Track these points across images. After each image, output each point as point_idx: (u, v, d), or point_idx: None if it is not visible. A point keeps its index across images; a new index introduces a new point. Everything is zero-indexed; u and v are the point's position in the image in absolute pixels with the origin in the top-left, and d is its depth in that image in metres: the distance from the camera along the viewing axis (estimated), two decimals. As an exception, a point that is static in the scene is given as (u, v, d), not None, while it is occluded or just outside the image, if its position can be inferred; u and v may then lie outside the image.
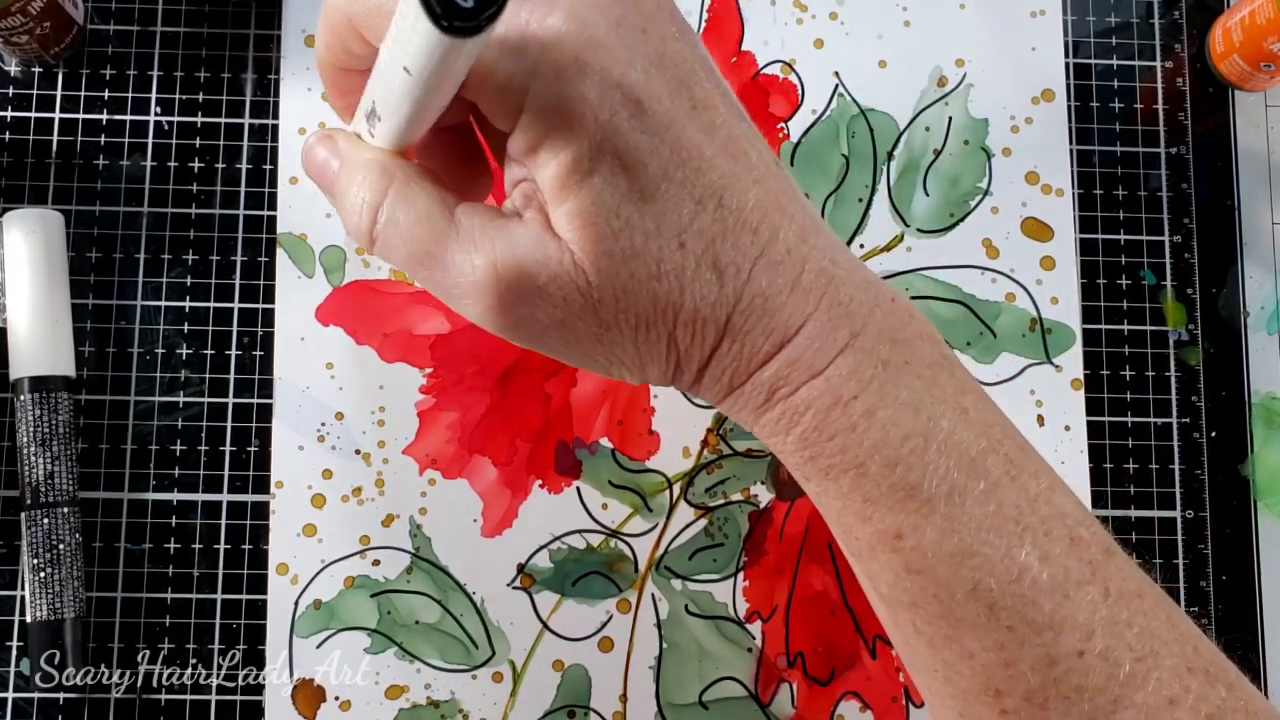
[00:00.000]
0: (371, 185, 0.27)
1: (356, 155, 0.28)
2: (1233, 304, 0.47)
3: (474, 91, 0.25)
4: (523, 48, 0.24)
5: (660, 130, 0.25)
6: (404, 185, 0.27)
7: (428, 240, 0.26)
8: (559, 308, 0.26)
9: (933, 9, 0.47)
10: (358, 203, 0.27)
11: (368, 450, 0.43)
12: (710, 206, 0.26)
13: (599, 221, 0.25)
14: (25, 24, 0.41)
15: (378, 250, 0.27)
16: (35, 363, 0.41)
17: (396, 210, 0.27)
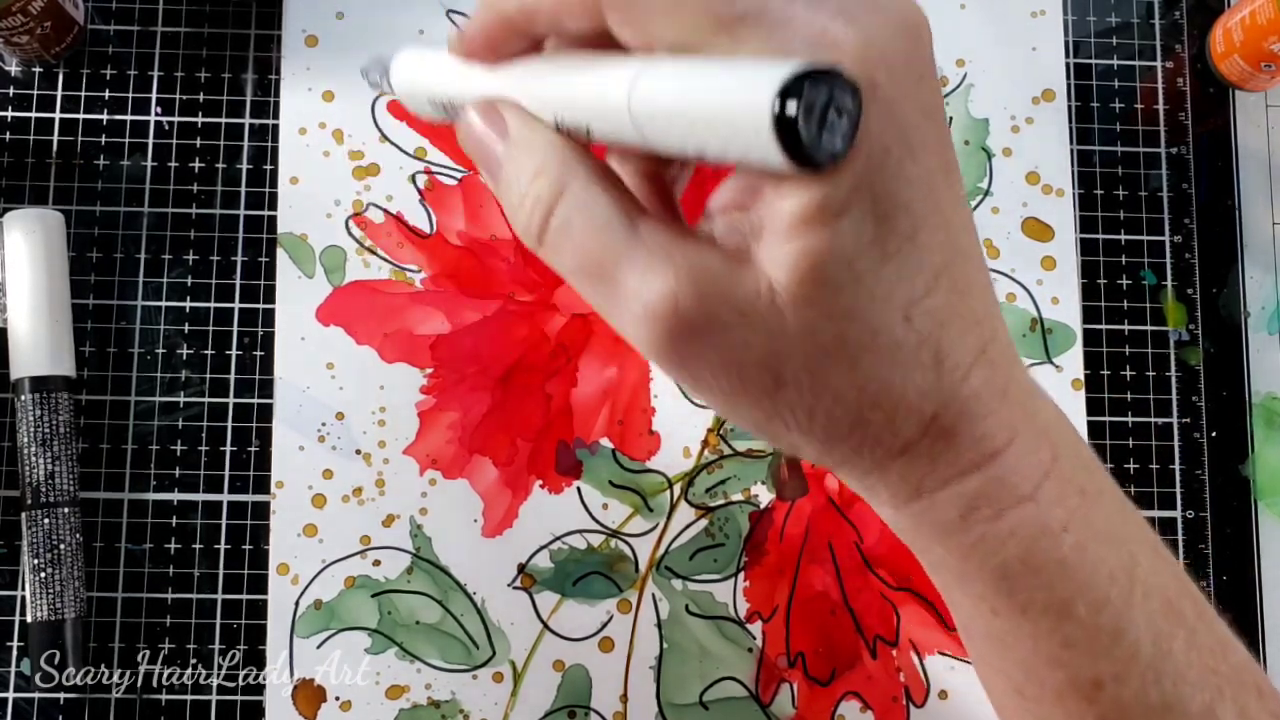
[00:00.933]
0: (548, 179, 0.24)
1: (531, 137, 0.24)
2: (1233, 304, 0.47)
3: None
4: (815, 54, 0.21)
5: (922, 183, 0.22)
6: (585, 185, 0.24)
7: (603, 253, 0.23)
8: (736, 350, 0.23)
9: (933, 9, 0.47)
10: (529, 197, 0.24)
11: (368, 450, 0.43)
12: (945, 284, 0.23)
13: (827, 269, 0.22)
14: (26, 24, 0.41)
15: (544, 253, 0.24)
16: (36, 363, 0.41)
17: (573, 213, 0.23)
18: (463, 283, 0.44)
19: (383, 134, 0.45)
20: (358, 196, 0.45)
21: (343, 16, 0.46)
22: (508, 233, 0.45)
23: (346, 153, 0.45)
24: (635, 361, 0.44)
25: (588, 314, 0.44)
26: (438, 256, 0.44)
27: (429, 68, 0.29)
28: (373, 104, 0.45)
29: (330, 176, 0.45)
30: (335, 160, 0.45)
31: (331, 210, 0.44)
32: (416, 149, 0.45)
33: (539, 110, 0.25)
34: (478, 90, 0.27)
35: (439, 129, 0.45)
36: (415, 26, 0.46)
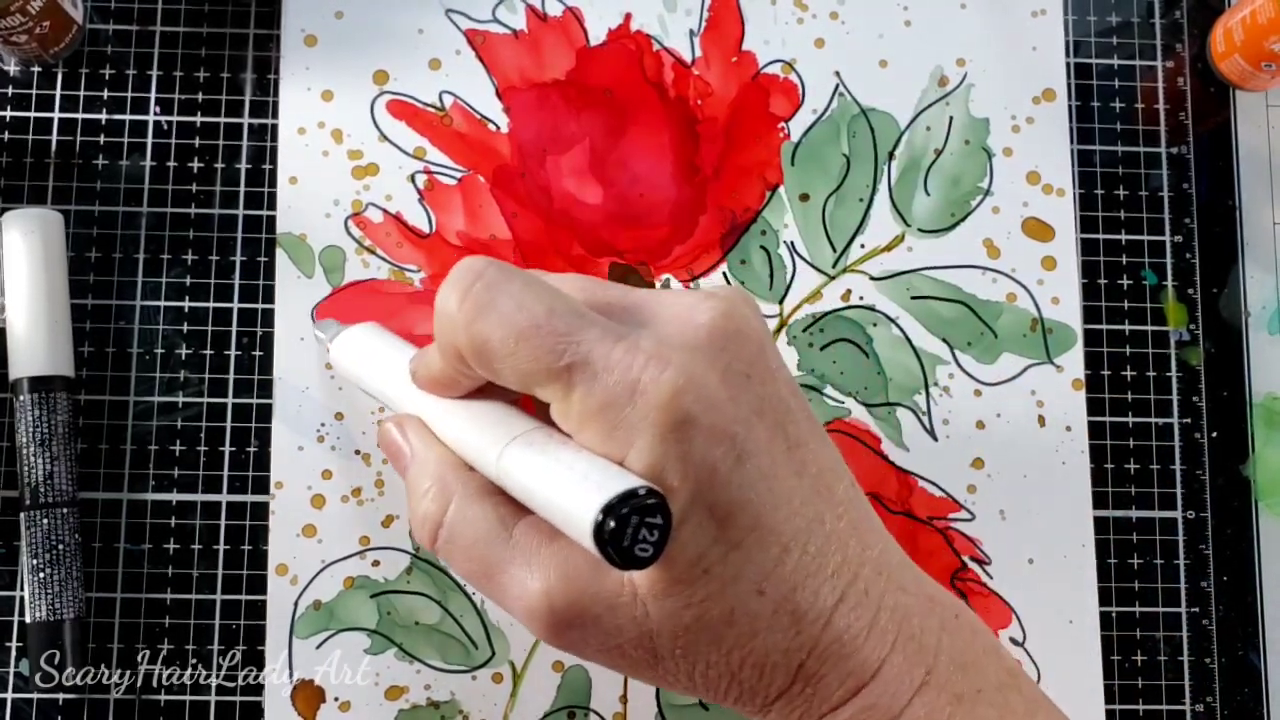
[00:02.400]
0: (434, 497, 0.29)
1: (424, 456, 0.30)
2: (1234, 304, 0.47)
3: (575, 424, 0.26)
4: (633, 400, 0.25)
5: (756, 481, 0.25)
6: (464, 503, 0.28)
7: (486, 560, 0.27)
8: (611, 636, 0.26)
9: (933, 8, 0.47)
10: (419, 512, 0.29)
11: (367, 450, 0.43)
12: (795, 553, 0.25)
13: (676, 568, 0.25)
14: (25, 23, 0.41)
15: (442, 558, 0.29)
16: (35, 363, 0.41)
17: (456, 529, 0.28)
18: (462, 283, 0.44)
19: (382, 134, 0.45)
20: (357, 196, 0.44)
21: (342, 16, 0.46)
22: (507, 233, 0.44)
23: (345, 152, 0.45)
24: (635, 361, 0.44)
25: (587, 314, 0.44)
26: (437, 256, 0.44)
27: (365, 359, 0.37)
28: (372, 104, 0.45)
29: (329, 176, 0.44)
30: (334, 160, 0.45)
31: (330, 210, 0.44)
32: (416, 149, 0.45)
33: (440, 433, 0.31)
34: (400, 397, 0.33)
35: (439, 129, 0.45)
36: (415, 26, 0.46)
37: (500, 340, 0.26)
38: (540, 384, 0.26)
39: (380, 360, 0.36)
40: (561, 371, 0.25)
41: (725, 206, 0.45)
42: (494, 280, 0.26)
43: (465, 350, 0.27)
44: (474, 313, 0.26)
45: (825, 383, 0.45)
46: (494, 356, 0.26)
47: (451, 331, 0.27)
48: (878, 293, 0.45)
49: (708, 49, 0.46)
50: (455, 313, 0.26)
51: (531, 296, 0.26)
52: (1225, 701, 0.44)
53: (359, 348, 0.37)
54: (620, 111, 0.46)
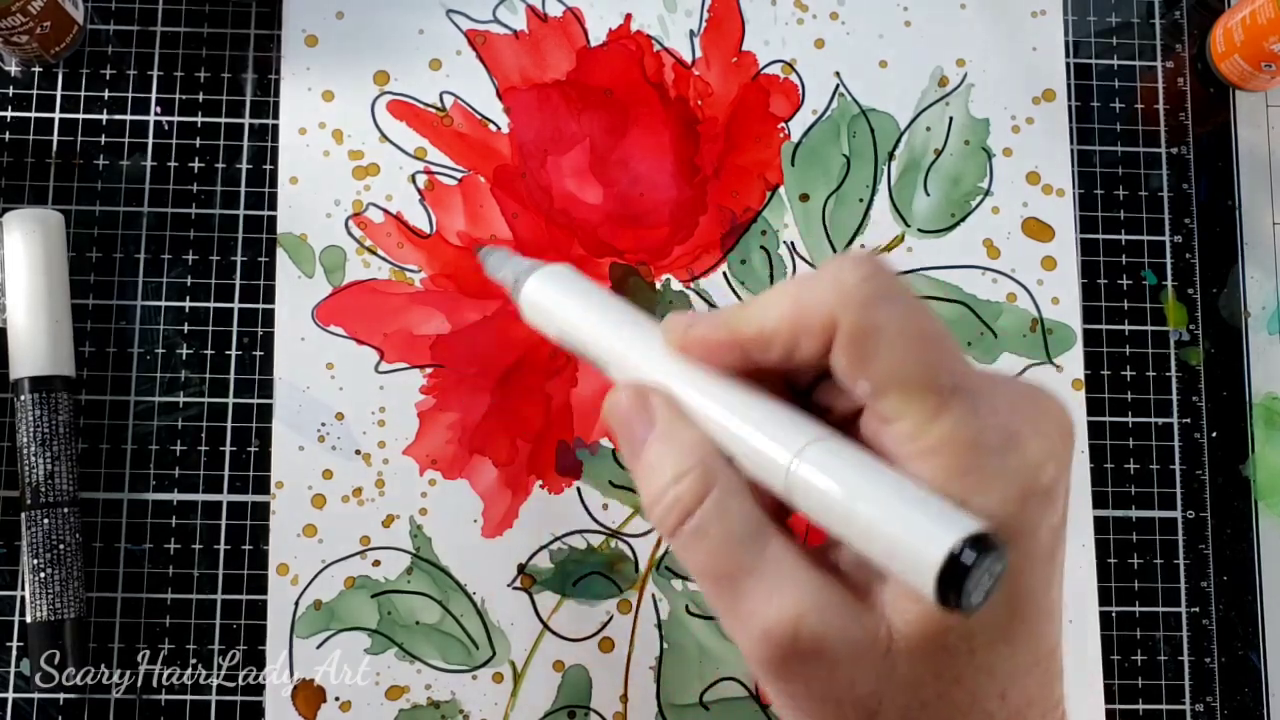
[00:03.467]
0: (690, 482, 0.25)
1: (678, 434, 0.26)
2: (1233, 304, 0.47)
3: (926, 447, 0.23)
4: (1006, 450, 0.23)
5: (1052, 581, 0.25)
6: (724, 496, 0.25)
7: (732, 564, 0.24)
8: (840, 686, 0.24)
9: (933, 9, 0.47)
10: (669, 495, 0.25)
11: (368, 450, 0.43)
12: (1040, 670, 0.25)
13: (949, 636, 0.23)
14: (25, 24, 0.41)
15: (674, 545, 0.25)
16: (35, 363, 0.41)
17: (710, 521, 0.25)
18: (463, 283, 0.44)
19: (382, 134, 0.45)
20: (357, 196, 0.44)
21: (343, 16, 0.46)
22: (508, 233, 0.45)
23: (346, 153, 0.45)
24: (635, 361, 0.44)
25: (588, 314, 0.44)
26: (438, 256, 0.44)
27: (585, 305, 0.31)
28: (373, 104, 0.45)
29: (330, 176, 0.45)
30: (335, 160, 0.45)
31: (331, 210, 0.44)
32: (416, 149, 0.45)
33: (695, 412, 0.26)
34: (640, 362, 0.28)
35: (440, 129, 0.45)
36: (415, 26, 0.46)
37: (898, 332, 0.24)
38: (912, 392, 0.23)
39: (614, 321, 0.30)
40: (945, 389, 0.23)
41: (725, 207, 0.45)
42: (890, 277, 0.24)
43: (849, 327, 0.24)
44: (876, 294, 0.24)
45: (825, 383, 0.45)
46: (880, 345, 0.24)
47: (841, 302, 0.24)
48: (878, 293, 0.45)
49: (708, 49, 0.46)
50: (854, 287, 0.24)
51: (925, 311, 0.24)
52: (1225, 701, 0.44)
53: (571, 291, 0.31)
54: (621, 112, 0.46)
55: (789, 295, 0.25)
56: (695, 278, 0.45)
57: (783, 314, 0.25)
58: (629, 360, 0.29)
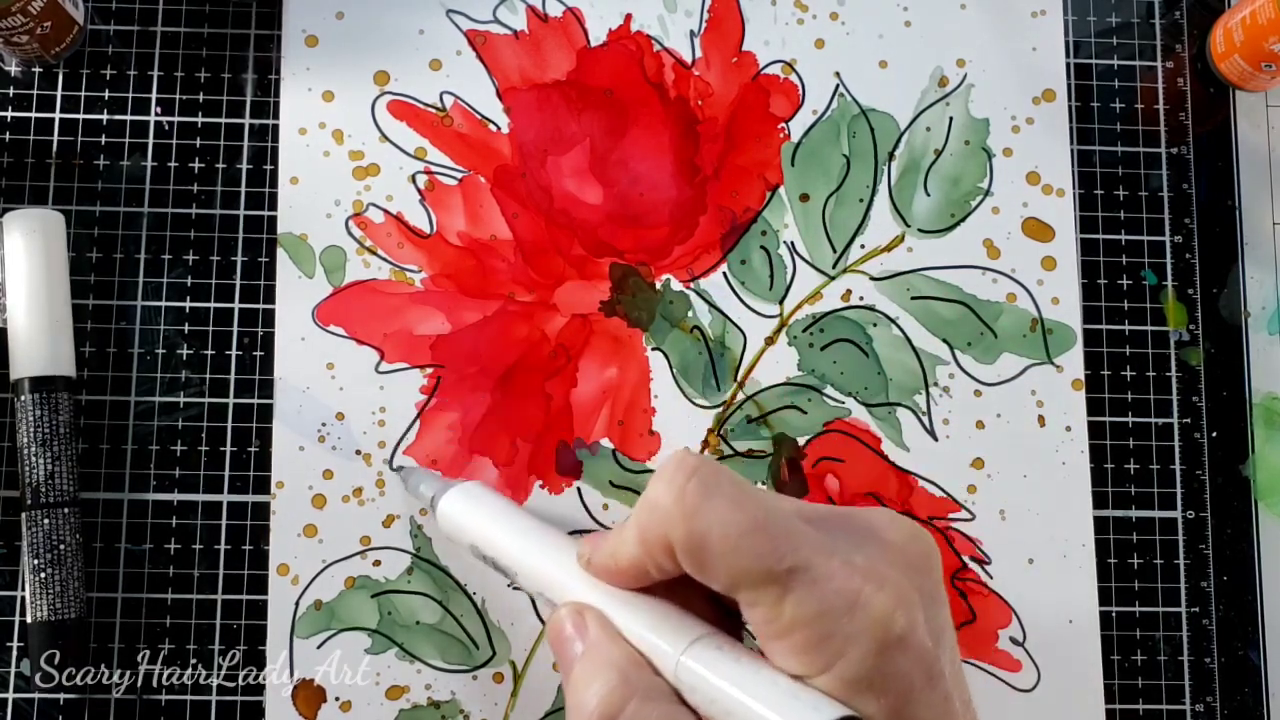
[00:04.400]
0: (615, 690, 0.27)
1: (606, 647, 0.28)
2: (1234, 304, 0.47)
3: (782, 629, 0.25)
4: (852, 612, 0.25)
5: (939, 703, 0.26)
6: (644, 702, 0.27)
7: None
8: None
9: (933, 9, 0.47)
10: (593, 705, 0.27)
11: (368, 450, 0.43)
12: None
13: None
14: (25, 24, 0.41)
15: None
16: (35, 363, 0.41)
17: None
18: (463, 283, 0.44)
19: (383, 134, 0.45)
20: (358, 196, 0.44)
21: (343, 16, 0.46)
22: (508, 233, 0.45)
23: (346, 153, 0.45)
24: (635, 362, 0.44)
25: (588, 314, 0.44)
26: (438, 256, 0.44)
27: (499, 528, 0.35)
28: (373, 104, 0.45)
29: (330, 176, 0.45)
30: (335, 160, 0.45)
31: (331, 210, 0.44)
32: (416, 149, 0.45)
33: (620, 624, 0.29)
34: (556, 580, 0.31)
35: (440, 129, 0.45)
36: (415, 26, 0.46)
37: (720, 537, 0.26)
38: (754, 585, 0.26)
39: (523, 534, 0.34)
40: (781, 574, 0.25)
41: (725, 207, 0.45)
42: (709, 477, 0.27)
43: (680, 544, 0.26)
44: (694, 507, 0.26)
45: (825, 383, 0.45)
46: (711, 553, 0.26)
47: (666, 523, 0.27)
48: (878, 293, 0.45)
49: (708, 49, 0.46)
50: (672, 506, 0.26)
51: (748, 498, 0.26)
52: (1225, 701, 0.44)
53: (483, 512, 0.36)
54: (621, 112, 0.46)
55: (636, 527, 0.28)
56: (695, 278, 0.45)
57: (635, 545, 0.28)
58: (555, 581, 0.32)
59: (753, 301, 0.45)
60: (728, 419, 0.44)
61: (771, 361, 0.45)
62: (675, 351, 0.44)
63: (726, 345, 0.45)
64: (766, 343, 0.45)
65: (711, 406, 0.44)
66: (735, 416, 0.44)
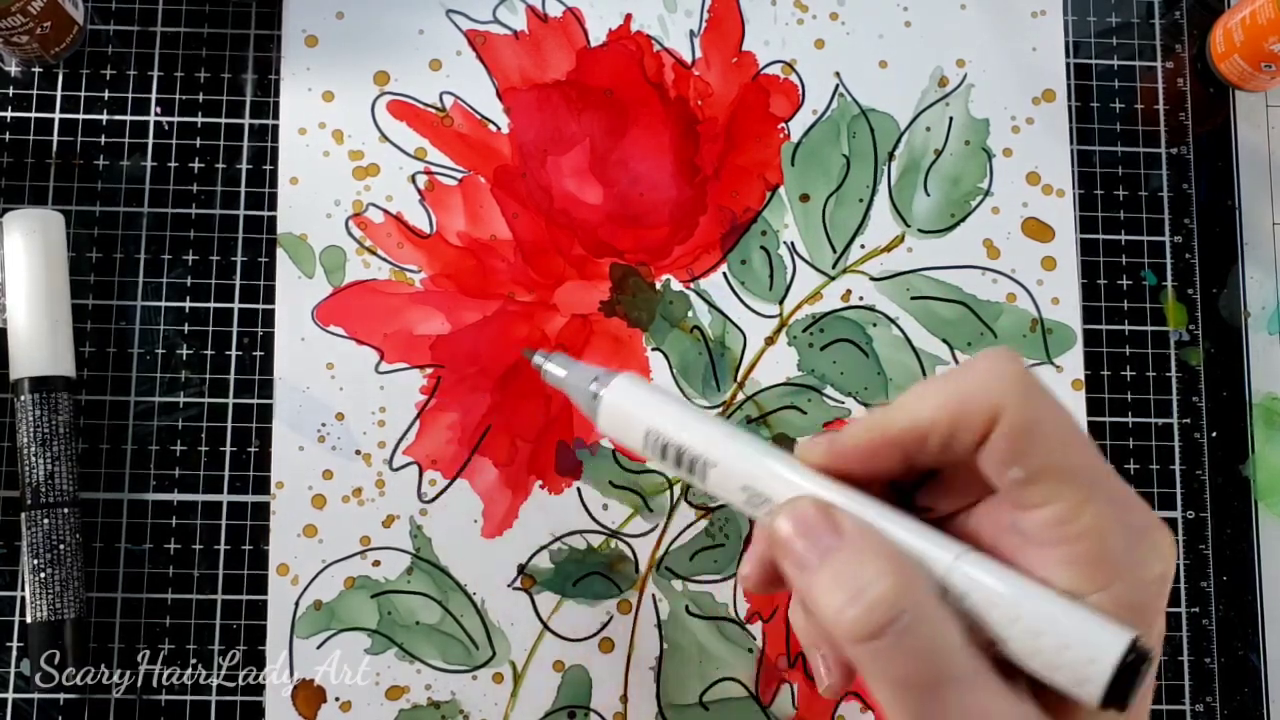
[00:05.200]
0: (898, 582, 0.25)
1: (877, 542, 0.26)
2: (1233, 304, 0.47)
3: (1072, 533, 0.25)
4: (1143, 539, 0.25)
5: (1158, 644, 0.26)
6: (932, 601, 0.25)
7: (942, 667, 0.24)
8: None
9: (933, 9, 0.47)
10: (871, 595, 0.24)
11: (368, 451, 0.43)
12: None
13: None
14: (25, 24, 0.41)
15: (870, 649, 0.24)
16: (35, 363, 0.41)
17: (919, 622, 0.24)
18: (463, 283, 0.44)
19: (383, 134, 0.45)
20: (358, 196, 0.44)
21: (343, 16, 0.46)
22: (508, 233, 0.44)
23: (346, 153, 0.45)
24: (635, 362, 0.44)
25: (588, 314, 0.44)
26: (438, 256, 0.44)
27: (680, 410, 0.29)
28: (373, 104, 0.45)
29: (330, 176, 0.45)
30: (335, 160, 0.45)
31: (331, 210, 0.44)
32: (416, 149, 0.45)
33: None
34: (779, 476, 0.28)
35: (440, 130, 0.45)
36: (415, 26, 0.46)
37: (1055, 422, 0.25)
38: (1066, 480, 0.25)
39: (713, 423, 0.29)
40: (1094, 479, 0.25)
41: (725, 207, 0.45)
42: (1037, 376, 0.26)
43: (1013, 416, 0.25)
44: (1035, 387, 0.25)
45: (825, 383, 0.45)
46: (1039, 435, 0.25)
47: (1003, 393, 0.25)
48: (878, 293, 0.45)
49: (708, 49, 0.46)
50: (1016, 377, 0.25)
51: (1069, 409, 0.26)
52: (1225, 701, 0.44)
53: (659, 397, 0.30)
54: (620, 112, 0.46)
55: (947, 387, 0.26)
56: (695, 278, 0.45)
57: (941, 405, 0.26)
58: (745, 463, 0.28)
59: (753, 301, 0.45)
60: (728, 419, 0.44)
61: (771, 361, 0.45)
62: (675, 351, 0.44)
63: (726, 345, 0.45)
64: (766, 343, 0.45)
65: (711, 406, 0.44)
66: (735, 416, 0.44)
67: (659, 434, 0.29)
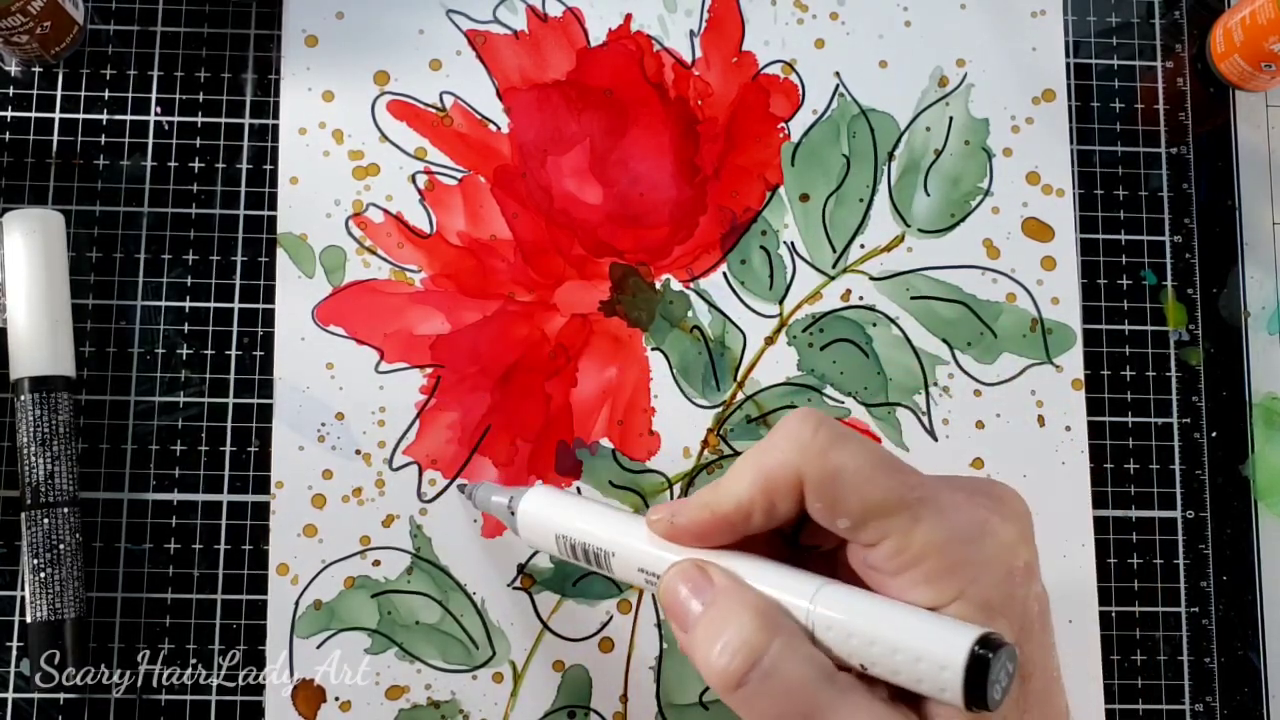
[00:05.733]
0: (756, 630, 0.26)
1: (740, 592, 0.27)
2: (1233, 304, 0.47)
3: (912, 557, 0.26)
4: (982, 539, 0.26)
5: (1049, 647, 0.28)
6: (792, 639, 0.26)
7: (811, 703, 0.25)
8: None
9: (933, 9, 0.47)
10: (735, 641, 0.26)
11: (368, 450, 0.43)
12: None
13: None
14: (25, 24, 0.41)
15: (739, 696, 0.26)
16: (35, 363, 0.41)
17: (781, 665, 0.26)
18: (463, 283, 0.44)
19: (383, 134, 0.45)
20: (358, 196, 0.45)
21: (343, 16, 0.46)
22: (508, 233, 0.45)
23: (346, 153, 0.45)
24: (635, 361, 0.44)
25: (588, 314, 0.44)
26: (438, 256, 0.44)
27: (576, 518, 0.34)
28: (373, 104, 0.45)
29: (330, 176, 0.45)
30: (335, 160, 0.45)
31: (331, 210, 0.44)
32: (416, 149, 0.45)
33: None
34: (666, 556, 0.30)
35: (440, 129, 0.45)
36: (415, 26, 0.46)
37: (855, 470, 0.27)
38: (886, 514, 0.26)
39: (609, 519, 0.33)
40: (913, 503, 0.26)
41: (725, 207, 0.45)
42: (834, 424, 0.28)
43: (813, 478, 0.27)
44: (829, 444, 0.27)
45: (825, 383, 0.45)
46: (844, 486, 0.27)
47: (799, 460, 0.27)
48: (877, 293, 0.45)
49: (708, 49, 0.46)
50: (809, 442, 0.27)
51: (871, 444, 0.28)
52: (1225, 701, 0.44)
53: (564, 505, 0.35)
54: (620, 112, 0.46)
55: (753, 466, 0.28)
56: (695, 278, 0.45)
57: (753, 483, 0.28)
58: (637, 549, 0.31)
59: (752, 301, 0.45)
60: (727, 419, 0.44)
61: (771, 361, 0.45)
62: (675, 351, 0.44)
63: (726, 345, 0.45)
64: (766, 342, 0.45)
65: (711, 406, 0.44)
66: (735, 416, 0.44)
67: (566, 535, 0.34)
